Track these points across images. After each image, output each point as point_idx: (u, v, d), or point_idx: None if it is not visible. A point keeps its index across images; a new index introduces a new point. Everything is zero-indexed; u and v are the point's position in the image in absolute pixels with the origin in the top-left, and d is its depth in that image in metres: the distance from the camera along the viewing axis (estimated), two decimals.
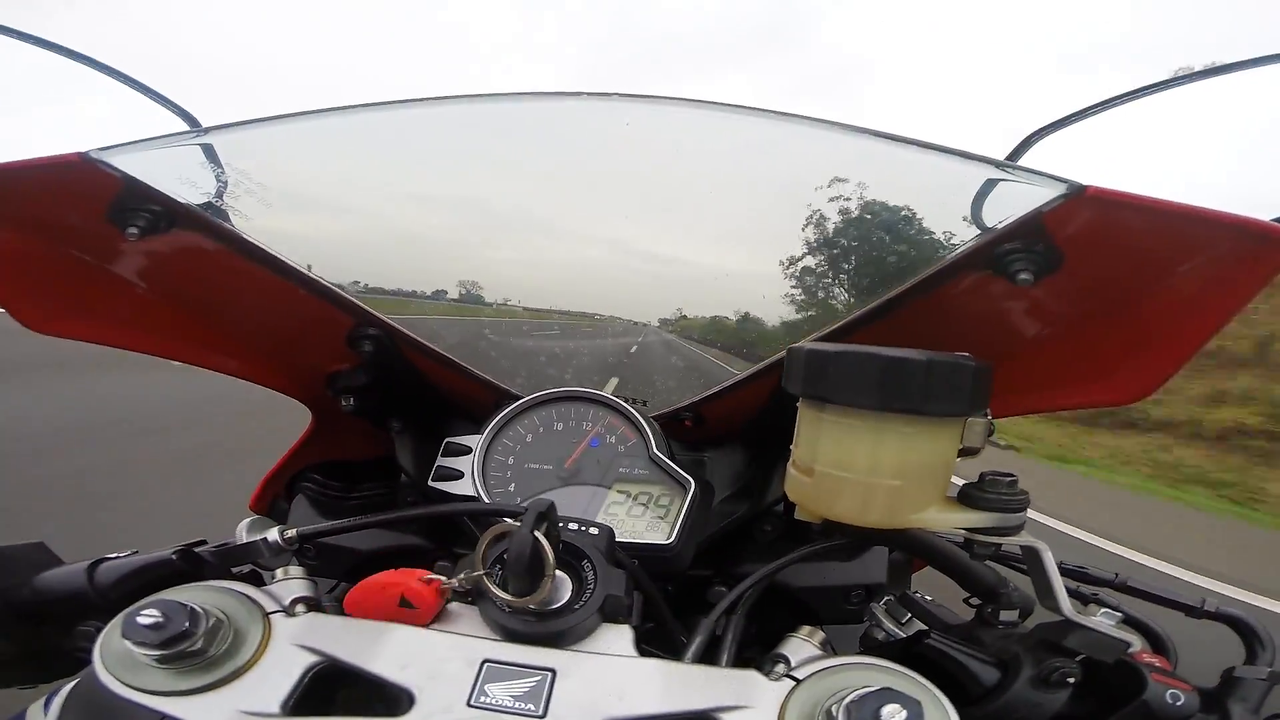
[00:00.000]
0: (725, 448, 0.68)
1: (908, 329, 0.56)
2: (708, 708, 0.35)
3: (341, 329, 0.64)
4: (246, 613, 0.39)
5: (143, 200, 0.52)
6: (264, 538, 0.48)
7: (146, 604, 0.36)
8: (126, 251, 0.58)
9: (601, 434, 0.64)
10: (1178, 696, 0.42)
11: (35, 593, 0.47)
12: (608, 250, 0.79)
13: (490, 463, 0.63)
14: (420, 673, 0.36)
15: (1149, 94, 0.55)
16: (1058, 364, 0.58)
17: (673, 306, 0.87)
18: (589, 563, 0.41)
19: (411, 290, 0.82)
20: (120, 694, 0.35)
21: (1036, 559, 0.41)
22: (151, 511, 2.93)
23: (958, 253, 0.50)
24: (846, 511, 0.39)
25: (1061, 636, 0.41)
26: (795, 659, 0.39)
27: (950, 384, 0.36)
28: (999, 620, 0.47)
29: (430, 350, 0.66)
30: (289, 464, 0.75)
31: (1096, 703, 0.43)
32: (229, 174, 0.58)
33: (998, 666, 0.42)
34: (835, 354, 0.38)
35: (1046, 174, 0.46)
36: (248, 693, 0.35)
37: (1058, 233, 0.46)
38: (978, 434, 0.38)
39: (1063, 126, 0.57)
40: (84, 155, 0.49)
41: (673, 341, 0.90)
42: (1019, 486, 0.40)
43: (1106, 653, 0.41)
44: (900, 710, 0.32)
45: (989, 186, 0.51)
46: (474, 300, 0.86)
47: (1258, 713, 0.44)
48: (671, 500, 0.60)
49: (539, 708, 0.35)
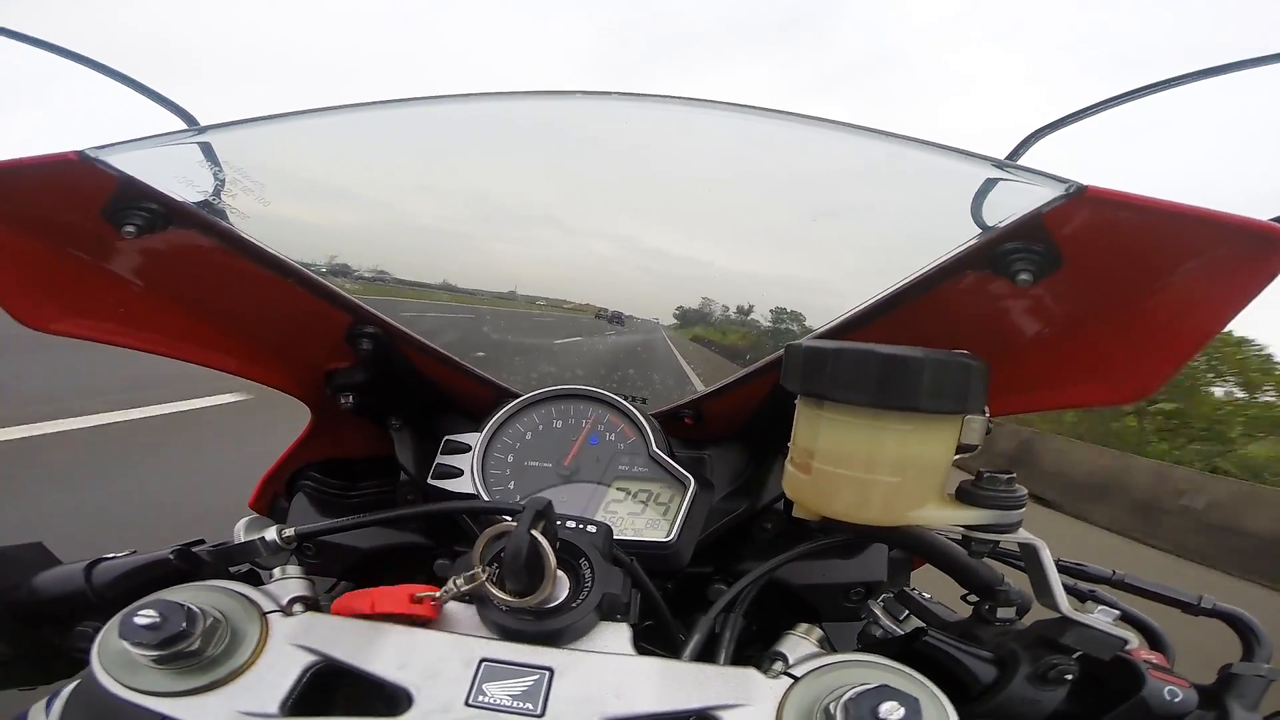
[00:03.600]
0: (725, 445, 0.69)
1: (906, 327, 0.56)
2: (706, 706, 0.35)
3: (340, 327, 0.64)
4: (244, 612, 0.39)
5: (140, 199, 0.52)
6: (261, 537, 0.48)
7: (144, 604, 0.36)
8: (124, 250, 0.58)
9: (601, 431, 0.64)
10: (1175, 693, 0.42)
11: (33, 593, 0.47)
12: (616, 247, 0.79)
13: (490, 460, 0.63)
14: (418, 672, 0.36)
15: (1149, 94, 0.55)
16: (1057, 363, 0.58)
17: (679, 305, 0.87)
18: (586, 561, 0.41)
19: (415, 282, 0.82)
20: (118, 695, 0.34)
21: (1034, 556, 0.41)
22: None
23: (958, 251, 0.50)
24: (844, 508, 0.39)
25: (1059, 633, 0.41)
26: (793, 656, 0.39)
27: (948, 382, 0.36)
28: (997, 617, 0.47)
29: (429, 348, 0.66)
30: (288, 462, 0.75)
31: (1094, 700, 0.43)
32: (226, 172, 0.58)
33: (995, 664, 0.42)
34: (833, 351, 0.38)
35: (1047, 174, 0.46)
36: (245, 693, 0.35)
37: (1058, 232, 0.46)
38: (976, 431, 0.38)
39: (1062, 126, 0.57)
40: (81, 154, 0.49)
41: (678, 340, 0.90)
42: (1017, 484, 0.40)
43: (1104, 650, 0.41)
44: (898, 707, 0.32)
45: (989, 185, 0.51)
46: (477, 292, 0.86)
47: (1255, 709, 0.45)
48: (671, 498, 0.60)
49: (537, 706, 0.35)
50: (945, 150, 0.51)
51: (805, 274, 0.76)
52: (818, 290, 0.76)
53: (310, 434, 0.74)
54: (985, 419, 0.38)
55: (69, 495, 2.66)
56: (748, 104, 0.59)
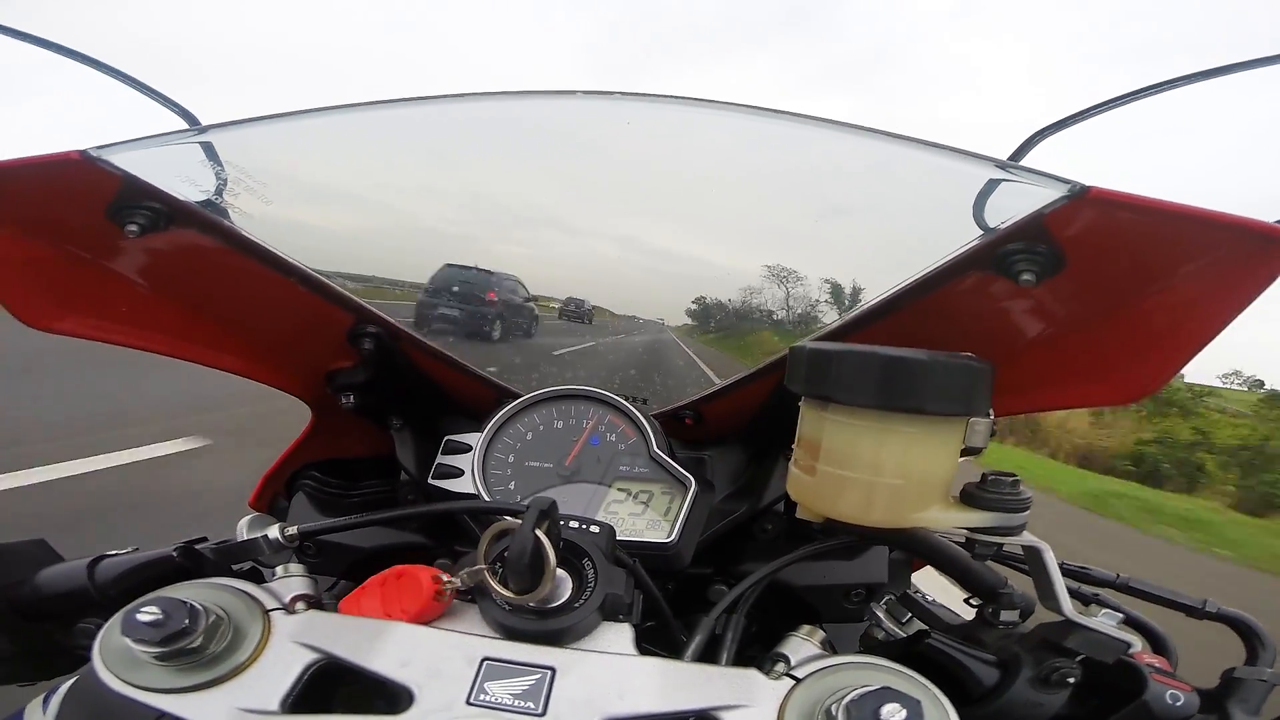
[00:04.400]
0: (725, 446, 0.68)
1: (909, 328, 0.56)
2: (707, 707, 0.35)
3: (342, 326, 0.64)
4: (246, 610, 0.39)
5: (142, 198, 0.52)
6: (264, 535, 0.48)
7: (146, 601, 0.36)
8: (126, 249, 0.58)
9: (602, 432, 0.64)
10: (1177, 697, 0.41)
11: (36, 590, 0.47)
12: (619, 247, 0.79)
13: (490, 461, 0.63)
14: (420, 670, 0.36)
15: (1150, 94, 0.55)
16: (1059, 363, 0.58)
17: (686, 304, 0.87)
18: (590, 561, 0.41)
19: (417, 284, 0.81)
20: (119, 691, 0.34)
21: (1038, 559, 0.41)
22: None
23: (960, 252, 0.50)
24: (849, 511, 0.39)
25: (1062, 637, 0.41)
26: (795, 658, 0.39)
27: (953, 384, 0.36)
28: (1000, 620, 0.47)
29: (430, 348, 0.66)
30: (288, 461, 0.75)
31: (1097, 703, 0.43)
32: (229, 171, 0.58)
33: (998, 666, 0.42)
34: (838, 353, 0.38)
35: (1049, 174, 0.46)
36: (247, 690, 0.35)
37: (1060, 234, 0.46)
38: (980, 434, 0.38)
39: (1064, 127, 0.57)
40: (84, 153, 0.49)
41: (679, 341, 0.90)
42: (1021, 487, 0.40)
43: (1107, 653, 0.41)
44: (900, 710, 0.32)
45: (991, 186, 0.51)
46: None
47: (1258, 714, 0.44)
48: (672, 499, 0.60)
49: (538, 706, 0.35)
50: (947, 151, 0.51)
51: (809, 273, 0.76)
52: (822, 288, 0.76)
53: (311, 433, 0.74)
54: (990, 421, 0.38)
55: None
56: (750, 104, 0.59)
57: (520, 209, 0.81)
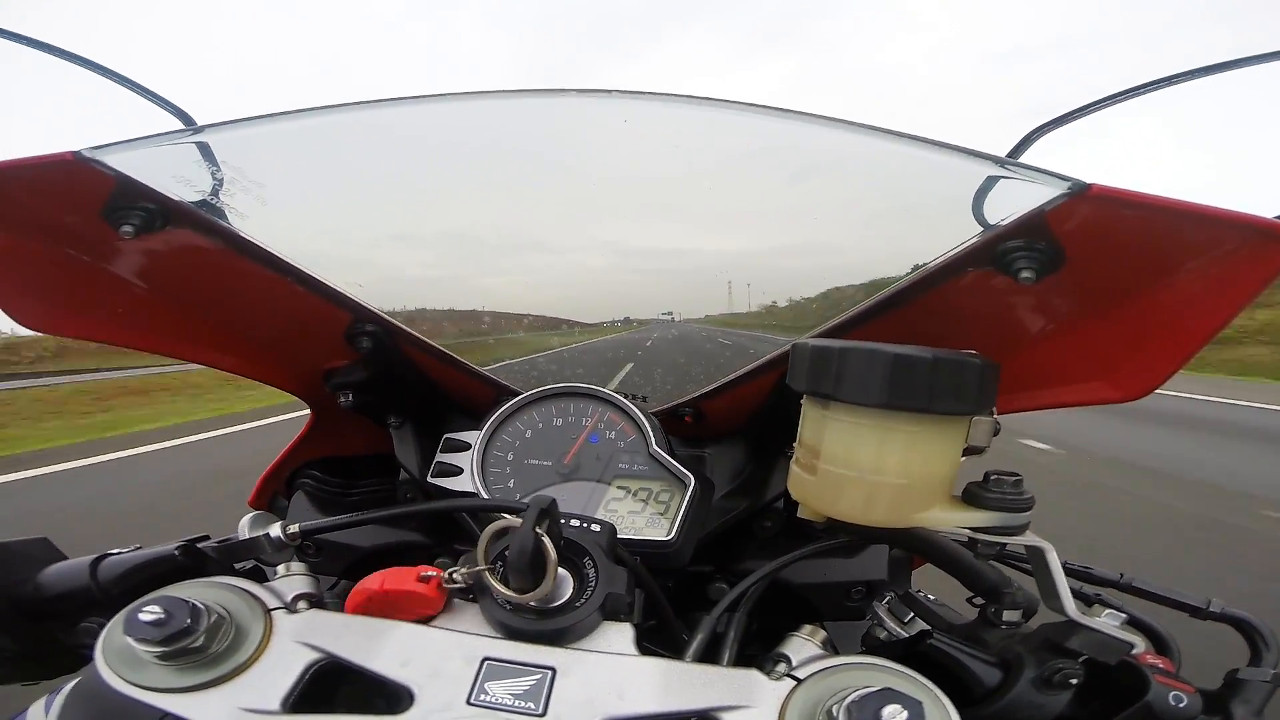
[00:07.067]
0: (725, 443, 0.68)
1: (909, 325, 0.56)
2: (708, 707, 0.35)
3: (339, 325, 0.63)
4: (248, 609, 0.39)
5: (137, 199, 0.52)
6: (266, 533, 0.48)
7: (148, 600, 0.36)
8: (122, 250, 0.57)
9: (601, 430, 0.64)
10: (1180, 698, 0.41)
11: (38, 589, 0.47)
12: (607, 255, 0.78)
13: (489, 459, 0.63)
14: (420, 670, 0.36)
15: (1150, 90, 0.54)
16: (1059, 361, 0.58)
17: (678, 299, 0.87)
18: (590, 560, 0.41)
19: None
20: (122, 691, 0.34)
21: (1041, 559, 0.41)
22: None
23: (960, 249, 0.50)
24: (850, 510, 0.39)
25: (1065, 637, 0.41)
26: (797, 658, 0.39)
27: (957, 382, 0.36)
28: (1002, 620, 0.47)
29: (429, 346, 0.66)
30: (288, 460, 0.75)
31: (1099, 704, 0.42)
32: (225, 171, 0.58)
33: (1000, 667, 0.42)
34: (840, 351, 0.38)
35: (1049, 171, 0.45)
36: (249, 689, 0.35)
37: (1060, 231, 0.46)
38: (983, 433, 0.38)
39: (1064, 123, 0.57)
40: (78, 154, 0.48)
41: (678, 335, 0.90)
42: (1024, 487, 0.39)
43: (1110, 654, 0.41)
44: (901, 711, 0.32)
45: (991, 183, 0.51)
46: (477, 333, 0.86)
47: (1261, 715, 0.44)
48: (671, 496, 0.60)
49: (539, 706, 0.34)
50: (946, 148, 0.50)
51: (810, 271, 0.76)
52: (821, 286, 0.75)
53: (310, 432, 0.74)
54: (993, 420, 0.38)
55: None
56: (750, 103, 0.58)
57: (496, 240, 0.80)
